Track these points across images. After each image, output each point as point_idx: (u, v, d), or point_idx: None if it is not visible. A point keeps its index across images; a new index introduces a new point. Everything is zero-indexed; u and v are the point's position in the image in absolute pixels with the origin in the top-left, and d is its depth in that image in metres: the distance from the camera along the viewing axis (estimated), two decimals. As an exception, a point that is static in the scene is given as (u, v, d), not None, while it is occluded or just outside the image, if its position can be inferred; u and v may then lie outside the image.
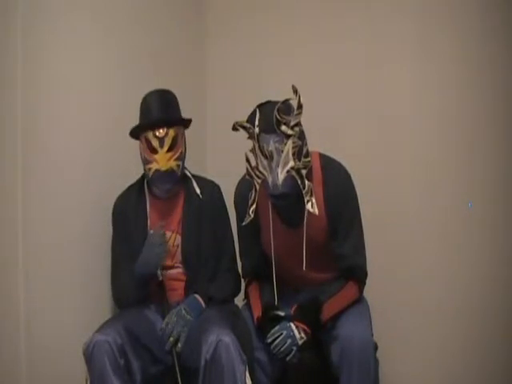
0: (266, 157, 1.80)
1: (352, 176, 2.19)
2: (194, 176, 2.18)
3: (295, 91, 1.76)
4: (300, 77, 2.15)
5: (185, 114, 2.12)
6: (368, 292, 2.06)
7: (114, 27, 2.26)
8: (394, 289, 2.41)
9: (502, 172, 2.23)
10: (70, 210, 2.03)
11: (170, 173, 2.02)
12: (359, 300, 1.97)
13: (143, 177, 2.15)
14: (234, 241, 2.20)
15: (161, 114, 2.02)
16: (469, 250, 2.28)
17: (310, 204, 1.80)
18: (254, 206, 1.86)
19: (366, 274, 1.98)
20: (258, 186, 1.84)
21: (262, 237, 2.02)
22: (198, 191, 2.13)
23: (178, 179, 2.07)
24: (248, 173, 1.87)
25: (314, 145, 1.97)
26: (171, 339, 1.89)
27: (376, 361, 1.90)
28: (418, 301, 2.36)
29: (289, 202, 1.86)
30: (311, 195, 1.80)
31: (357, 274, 1.95)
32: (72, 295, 2.04)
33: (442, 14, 2.31)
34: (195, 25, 2.84)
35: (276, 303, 1.93)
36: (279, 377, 1.93)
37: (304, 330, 1.83)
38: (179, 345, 1.89)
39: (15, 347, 1.86)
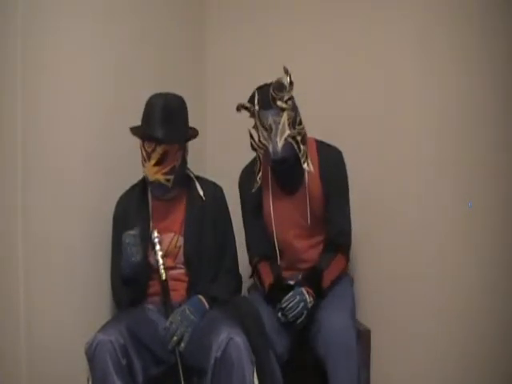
0: (266, 129, 2.04)
1: (351, 175, 2.21)
2: (196, 177, 2.18)
3: (286, 71, 2.03)
4: (300, 77, 2.15)
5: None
6: (368, 292, 2.06)
7: (114, 27, 2.26)
8: (393, 289, 2.41)
9: (502, 171, 2.23)
10: (70, 211, 2.03)
11: (157, 184, 2.04)
12: (342, 280, 2.17)
13: None
14: (235, 242, 2.21)
15: (153, 129, 1.98)
16: (469, 250, 2.28)
17: (306, 164, 2.07)
18: (261, 173, 2.12)
19: (350, 242, 2.21)
20: (261, 156, 2.11)
21: (263, 210, 2.21)
22: (200, 193, 2.14)
23: (169, 189, 2.06)
24: (252, 146, 2.12)
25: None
26: (174, 338, 1.90)
27: (360, 347, 1.99)
28: (418, 300, 2.36)
29: (288, 164, 2.11)
30: (306, 157, 2.07)
31: (344, 241, 2.18)
32: (72, 295, 2.04)
33: (442, 13, 2.31)
34: (195, 25, 2.84)
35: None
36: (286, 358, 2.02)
37: (312, 296, 2.01)
38: (182, 344, 1.90)
39: (15, 347, 1.86)
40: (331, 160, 2.19)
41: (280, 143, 2.03)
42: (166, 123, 1.99)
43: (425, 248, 2.35)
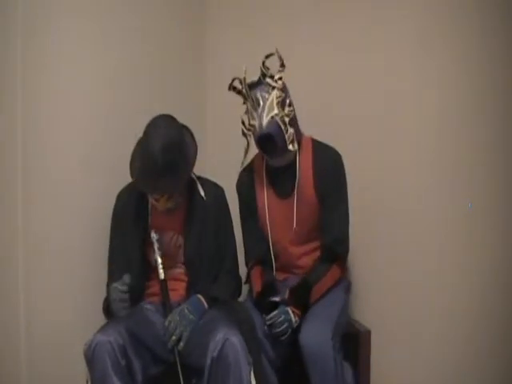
0: (254, 109, 2.02)
1: (351, 176, 2.20)
2: (198, 177, 2.18)
3: (279, 57, 2.05)
4: (300, 77, 2.15)
5: (185, 115, 2.12)
6: (368, 292, 2.05)
7: (114, 27, 2.26)
8: (393, 289, 2.41)
9: (502, 171, 2.22)
10: (70, 210, 2.04)
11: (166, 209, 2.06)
12: (336, 287, 2.13)
13: None
14: (236, 243, 2.21)
15: (157, 184, 1.95)
16: (469, 250, 2.28)
17: (291, 146, 2.03)
18: (246, 156, 2.14)
19: (347, 250, 2.16)
20: (249, 139, 2.09)
21: (259, 213, 2.18)
22: (202, 193, 2.13)
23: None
24: (242, 132, 2.09)
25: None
26: (173, 337, 1.90)
27: (339, 360, 1.98)
28: (418, 301, 2.36)
29: (273, 146, 2.04)
30: (292, 140, 2.04)
31: (341, 249, 2.14)
32: (72, 295, 2.04)
33: (442, 13, 2.30)
34: (195, 25, 2.84)
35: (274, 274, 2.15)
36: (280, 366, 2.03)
37: (298, 315, 1.99)
38: (181, 343, 1.90)
39: (15, 347, 1.86)
40: (327, 161, 2.12)
41: (266, 119, 1.99)
42: (169, 173, 1.94)
43: (425, 248, 2.35)
